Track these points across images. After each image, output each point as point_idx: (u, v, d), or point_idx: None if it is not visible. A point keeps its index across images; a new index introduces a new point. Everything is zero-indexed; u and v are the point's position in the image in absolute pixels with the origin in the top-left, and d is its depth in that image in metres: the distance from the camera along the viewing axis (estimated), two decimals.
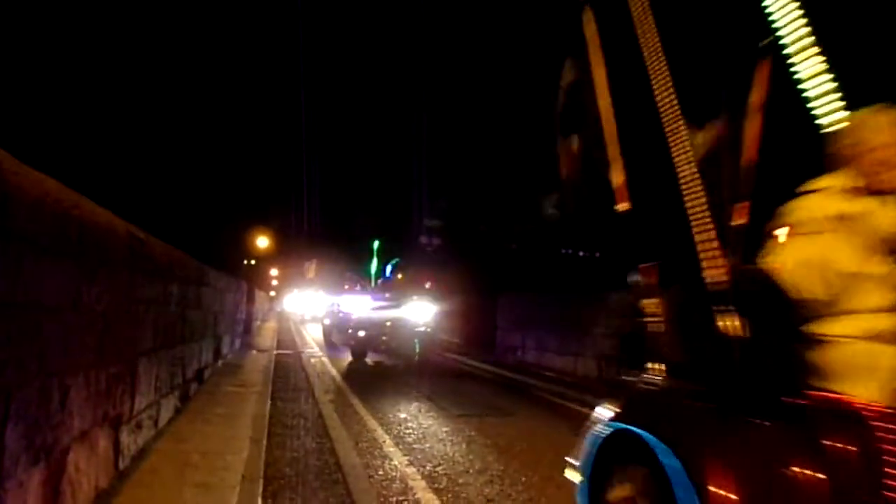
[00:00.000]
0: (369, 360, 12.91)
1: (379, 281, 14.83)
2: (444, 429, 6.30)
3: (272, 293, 52.44)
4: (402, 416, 6.92)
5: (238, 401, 7.01)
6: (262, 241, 40.48)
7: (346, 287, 18.75)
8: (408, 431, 6.09)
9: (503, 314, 16.12)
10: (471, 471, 4.78)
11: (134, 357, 4.20)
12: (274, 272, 57.60)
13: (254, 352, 13.33)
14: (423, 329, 12.48)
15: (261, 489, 3.95)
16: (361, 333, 12.68)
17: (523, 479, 4.59)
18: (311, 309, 31.15)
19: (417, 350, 12.19)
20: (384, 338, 12.52)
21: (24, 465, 2.42)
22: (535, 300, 14.68)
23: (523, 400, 8.81)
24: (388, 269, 14.01)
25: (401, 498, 4.04)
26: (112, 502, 3.42)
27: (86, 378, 3.14)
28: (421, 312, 12.68)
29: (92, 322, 3.17)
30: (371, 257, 15.98)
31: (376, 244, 16.71)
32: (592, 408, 3.06)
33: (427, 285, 13.36)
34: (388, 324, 12.48)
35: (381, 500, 3.98)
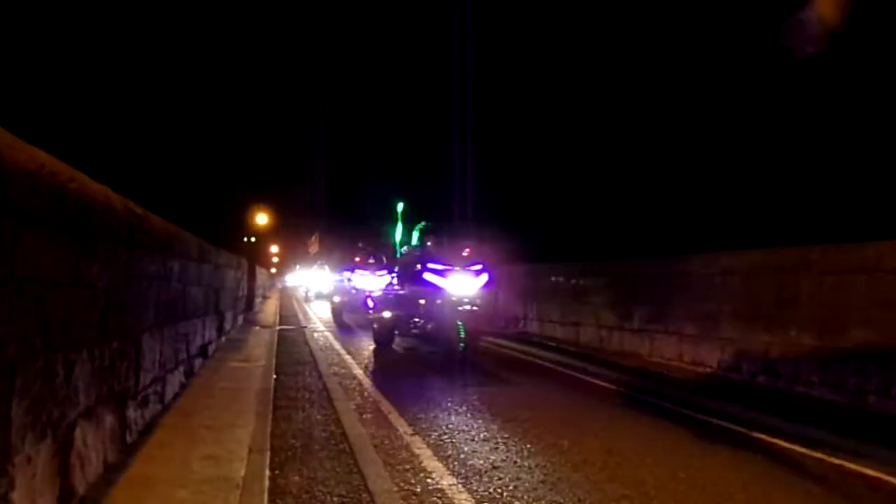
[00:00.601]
0: (398, 346, 10.88)
1: (403, 249, 11.66)
2: (449, 399, 6.34)
3: (273, 270, 52.57)
4: (407, 387, 6.97)
5: (243, 375, 7.05)
6: (262, 218, 40.43)
7: (359, 259, 16.05)
8: (412, 402, 6.12)
9: (503, 285, 16.15)
10: (476, 439, 4.82)
11: (137, 333, 4.20)
12: (274, 249, 57.67)
13: (257, 328, 13.39)
14: (468, 307, 9.14)
15: (268, 460, 3.98)
16: (387, 315, 10.39)
17: (528, 446, 4.63)
18: (316, 286, 29.78)
19: (462, 334, 8.85)
20: (416, 319, 9.65)
21: (31, 440, 2.43)
22: (535, 271, 14.70)
23: (526, 369, 8.87)
24: (415, 235, 10.88)
25: (407, 466, 4.08)
26: (121, 476, 3.45)
27: (90, 354, 3.13)
28: (464, 286, 9.29)
29: (93, 297, 3.16)
30: (394, 223, 13.85)
31: (400, 206, 14.34)
32: (595, 376, 2.97)
33: (465, 252, 10.66)
34: (423, 301, 9.57)
35: (388, 468, 4.01)
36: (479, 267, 9.65)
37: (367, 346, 11.07)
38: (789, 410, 6.12)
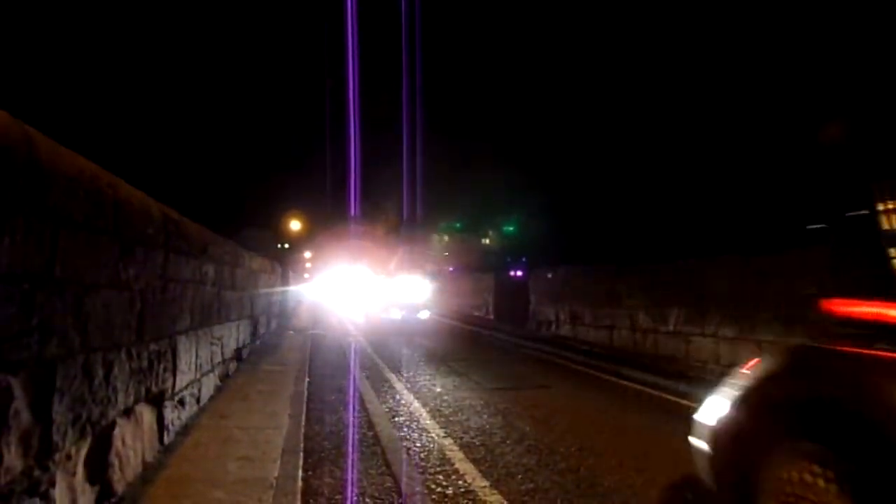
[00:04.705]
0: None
1: None
2: (480, 401, 6.30)
3: (306, 275, 53.23)
4: (438, 390, 6.95)
5: (276, 379, 7.13)
6: (295, 225, 41.04)
7: None
8: (444, 405, 6.11)
9: (536, 289, 16.05)
10: (508, 441, 4.77)
11: (174, 335, 4.27)
12: (307, 254, 58.37)
13: (290, 332, 13.54)
14: None
15: (301, 462, 4.01)
16: None
17: (561, 449, 4.57)
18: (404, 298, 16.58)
19: None
20: None
21: (71, 438, 2.49)
22: (569, 274, 14.57)
23: (559, 372, 8.77)
24: None
25: (439, 468, 4.06)
26: (159, 475, 3.51)
27: (128, 354, 3.20)
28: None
29: (131, 300, 3.23)
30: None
31: None
32: (628, 380, 2.81)
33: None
34: None
35: (420, 470, 4.01)
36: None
37: (394, 345, 11.06)
38: None
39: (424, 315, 16.67)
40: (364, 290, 21.76)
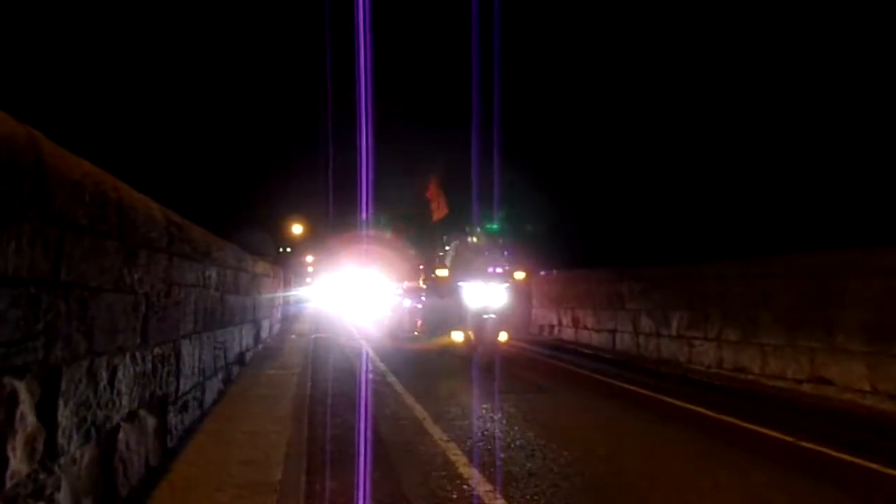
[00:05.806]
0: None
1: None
2: (483, 406, 6.30)
3: (308, 280, 53.18)
4: (441, 394, 6.95)
5: (279, 382, 7.13)
6: (297, 229, 41.01)
7: None
8: (447, 409, 6.10)
9: (538, 292, 16.04)
10: (512, 445, 4.77)
11: (177, 339, 4.28)
12: (309, 258, 58.34)
13: (293, 336, 13.55)
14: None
15: (305, 465, 4.00)
16: None
17: (565, 453, 4.55)
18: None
19: None
20: None
21: (76, 442, 2.49)
22: (570, 277, 14.56)
23: (561, 376, 8.76)
24: None
25: (443, 472, 4.05)
26: (163, 479, 3.51)
27: (132, 358, 3.20)
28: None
29: (135, 303, 3.23)
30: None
31: None
32: (632, 382, 2.90)
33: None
34: None
35: (424, 475, 4.00)
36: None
37: (397, 350, 11.05)
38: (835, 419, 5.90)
39: (503, 337, 10.59)
40: (379, 299, 20.01)
